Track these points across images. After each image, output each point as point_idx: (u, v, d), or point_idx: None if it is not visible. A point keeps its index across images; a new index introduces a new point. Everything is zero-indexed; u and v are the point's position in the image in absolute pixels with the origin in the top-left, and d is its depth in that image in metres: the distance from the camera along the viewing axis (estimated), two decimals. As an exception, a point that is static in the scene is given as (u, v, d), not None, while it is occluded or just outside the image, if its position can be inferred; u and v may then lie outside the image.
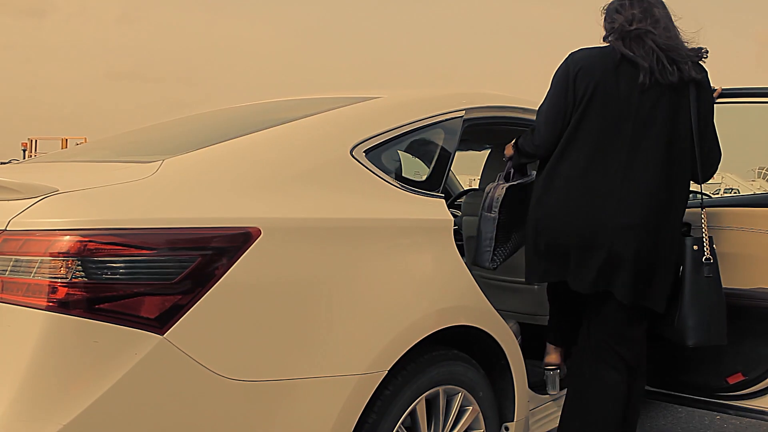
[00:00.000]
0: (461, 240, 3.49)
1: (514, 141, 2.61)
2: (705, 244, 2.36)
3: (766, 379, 2.52)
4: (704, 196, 4.63)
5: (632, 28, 2.31)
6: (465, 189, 4.70)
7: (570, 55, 2.40)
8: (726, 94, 2.65)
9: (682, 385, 2.73)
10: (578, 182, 2.30)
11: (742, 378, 2.56)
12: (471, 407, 2.18)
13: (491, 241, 2.58)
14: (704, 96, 2.36)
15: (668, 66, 2.27)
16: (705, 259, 2.34)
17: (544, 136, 2.39)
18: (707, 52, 2.36)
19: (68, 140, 18.39)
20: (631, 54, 2.28)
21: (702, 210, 2.44)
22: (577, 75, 2.32)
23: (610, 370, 2.37)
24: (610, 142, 2.29)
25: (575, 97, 2.31)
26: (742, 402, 2.60)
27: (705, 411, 3.57)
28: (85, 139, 17.58)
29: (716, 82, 2.49)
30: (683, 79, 2.29)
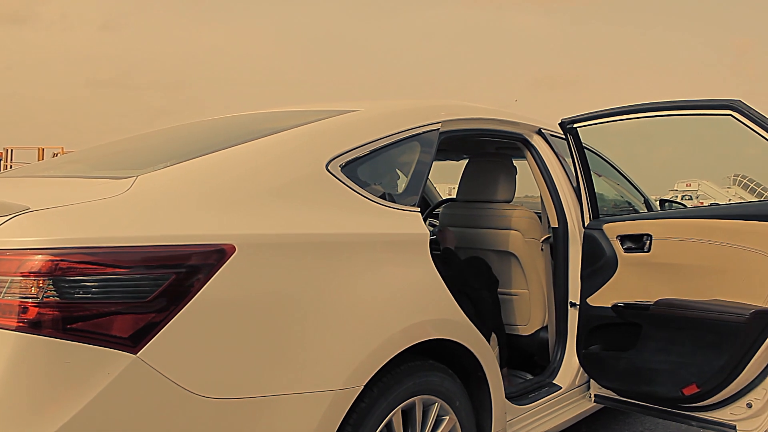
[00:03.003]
0: (439, 250, 3.51)
1: None
2: None
3: (722, 390, 2.55)
4: (676, 205, 4.67)
5: None
6: (443, 198, 4.72)
7: None
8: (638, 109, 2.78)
9: (645, 395, 2.78)
10: None
11: (697, 389, 2.59)
12: (448, 417, 2.18)
13: None
14: None
15: None
16: None
17: None
18: None
19: (45, 150, 18.15)
20: None
21: None
22: None
23: None
24: None
25: None
26: (703, 413, 2.63)
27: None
28: (62, 149, 17.38)
29: (693, 91, 2.53)
30: None
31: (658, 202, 4.52)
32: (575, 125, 2.89)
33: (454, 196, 3.63)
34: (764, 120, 2.48)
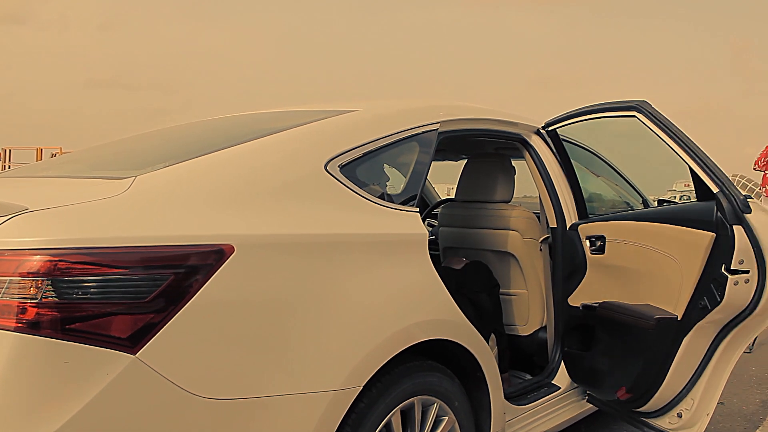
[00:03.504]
0: (438, 250, 3.51)
1: None
2: None
3: (651, 397, 2.56)
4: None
5: None
6: (442, 199, 4.72)
7: None
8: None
9: (601, 399, 2.83)
10: None
11: (628, 394, 2.62)
12: (447, 417, 2.19)
13: None
14: None
15: None
16: None
17: None
18: None
19: (43, 150, 18.11)
20: None
21: None
22: None
23: None
24: None
25: None
26: (651, 420, 2.65)
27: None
28: (61, 149, 17.35)
29: (691, 90, 2.52)
30: None
31: (656, 203, 4.52)
32: (549, 128, 2.99)
33: (453, 197, 3.63)
34: (665, 122, 2.49)
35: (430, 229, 4.19)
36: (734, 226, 2.30)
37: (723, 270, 2.32)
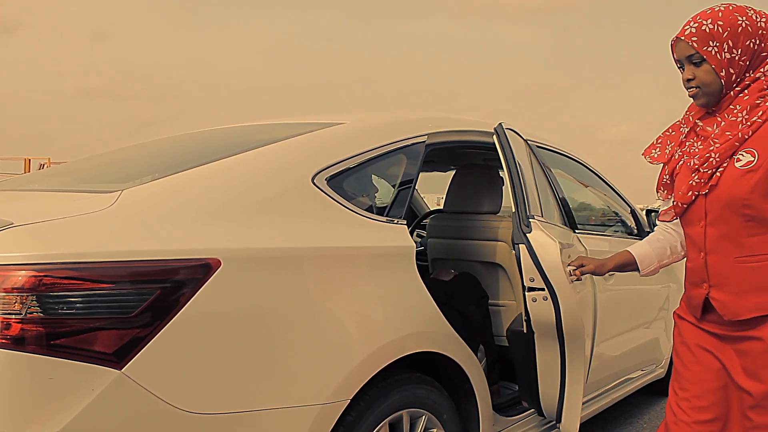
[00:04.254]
0: (426, 261, 3.52)
1: None
2: None
3: (540, 406, 2.58)
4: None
5: None
6: (431, 210, 4.73)
7: None
8: None
9: None
10: None
11: (524, 401, 2.67)
12: (435, 430, 2.19)
13: None
14: None
15: None
16: None
17: None
18: None
19: (31, 160, 17.99)
20: None
21: None
22: None
23: None
24: None
25: None
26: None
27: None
28: (49, 159, 17.25)
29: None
30: None
31: (644, 212, 4.54)
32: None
33: (441, 208, 3.63)
34: (506, 144, 2.51)
35: (419, 240, 4.20)
36: (519, 245, 2.34)
37: (525, 286, 2.37)
